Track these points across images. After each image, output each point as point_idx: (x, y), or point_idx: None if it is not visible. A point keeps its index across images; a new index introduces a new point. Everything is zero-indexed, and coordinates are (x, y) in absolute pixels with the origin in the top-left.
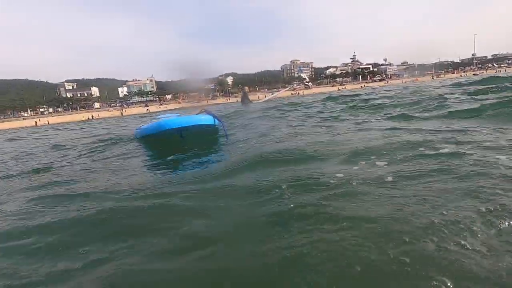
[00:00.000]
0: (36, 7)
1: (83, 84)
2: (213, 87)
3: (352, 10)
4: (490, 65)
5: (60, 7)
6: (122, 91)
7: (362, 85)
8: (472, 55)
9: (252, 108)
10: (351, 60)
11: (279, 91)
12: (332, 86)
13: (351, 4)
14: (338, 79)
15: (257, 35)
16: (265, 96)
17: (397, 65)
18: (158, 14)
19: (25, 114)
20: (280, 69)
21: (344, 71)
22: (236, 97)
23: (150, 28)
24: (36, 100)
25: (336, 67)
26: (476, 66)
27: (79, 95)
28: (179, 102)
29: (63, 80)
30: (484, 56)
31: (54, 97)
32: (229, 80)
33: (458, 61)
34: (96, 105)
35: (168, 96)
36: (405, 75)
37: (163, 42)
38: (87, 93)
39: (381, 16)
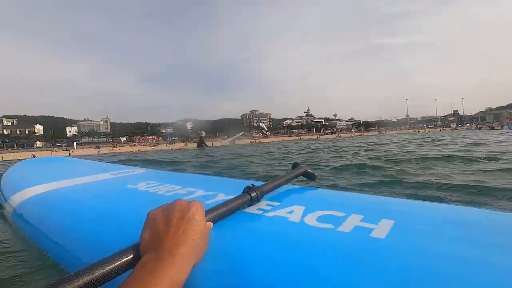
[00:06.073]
0: None
1: (26, 121)
2: (171, 131)
3: (305, 70)
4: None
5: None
6: (71, 130)
7: (316, 136)
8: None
9: (208, 151)
10: (305, 113)
11: (234, 135)
12: (289, 136)
13: (306, 64)
14: (294, 130)
15: (218, 86)
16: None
17: (345, 121)
18: (116, 56)
19: None
20: (240, 117)
21: (299, 123)
22: (195, 142)
23: (107, 70)
24: None
25: (292, 119)
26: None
27: (19, 132)
28: (135, 145)
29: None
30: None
31: None
32: (189, 125)
33: (395, 120)
34: (38, 143)
35: (123, 138)
36: (353, 130)
37: (122, 84)
38: (29, 131)
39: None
